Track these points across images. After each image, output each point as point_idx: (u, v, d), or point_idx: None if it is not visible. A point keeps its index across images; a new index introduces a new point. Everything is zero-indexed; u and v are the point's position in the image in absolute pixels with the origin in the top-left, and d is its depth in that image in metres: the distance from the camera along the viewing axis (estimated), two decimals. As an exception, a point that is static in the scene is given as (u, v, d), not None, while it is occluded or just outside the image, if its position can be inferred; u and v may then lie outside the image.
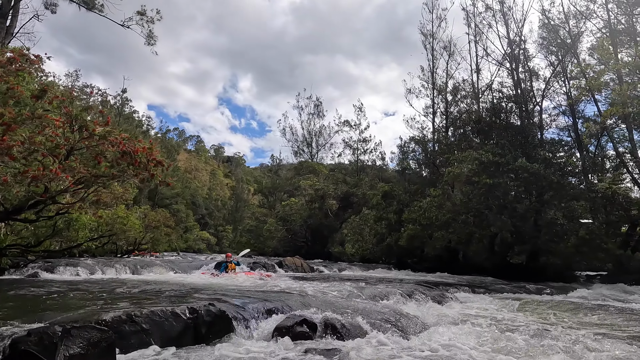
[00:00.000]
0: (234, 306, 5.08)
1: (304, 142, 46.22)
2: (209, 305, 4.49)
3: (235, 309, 4.92)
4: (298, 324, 4.61)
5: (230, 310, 4.72)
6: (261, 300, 5.74)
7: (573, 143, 20.73)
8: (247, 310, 5.08)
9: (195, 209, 66.52)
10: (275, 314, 5.19)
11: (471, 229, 16.03)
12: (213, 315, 4.39)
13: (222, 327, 4.43)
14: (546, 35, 23.53)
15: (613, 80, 21.05)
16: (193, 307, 4.32)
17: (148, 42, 13.72)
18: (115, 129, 5.53)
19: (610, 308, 7.40)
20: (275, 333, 4.51)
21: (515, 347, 4.30)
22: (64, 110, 5.14)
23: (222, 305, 4.72)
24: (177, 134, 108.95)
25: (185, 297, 6.10)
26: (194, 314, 4.27)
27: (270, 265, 17.30)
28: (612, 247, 14.02)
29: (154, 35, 13.49)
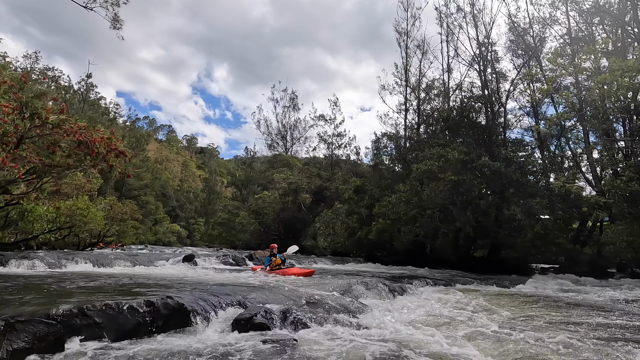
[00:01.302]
0: (194, 299, 5.08)
1: (279, 135, 45.95)
2: (167, 298, 4.48)
3: (195, 302, 4.93)
4: (256, 315, 4.69)
5: (189, 303, 4.72)
6: (223, 293, 5.77)
7: (535, 143, 21.89)
8: (207, 302, 5.10)
9: (165, 201, 64.70)
10: (236, 306, 5.25)
11: (437, 224, 16.64)
12: (170, 308, 4.39)
13: (180, 319, 4.43)
14: (513, 38, 24.57)
15: (573, 84, 22.36)
16: (149, 300, 4.30)
17: (114, 26, 13.10)
18: (71, 118, 5.30)
19: (546, 298, 8.03)
20: (234, 325, 4.57)
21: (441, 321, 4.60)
22: (13, 96, 4.86)
23: (180, 298, 4.72)
24: (148, 123, 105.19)
25: (146, 290, 6.02)
26: (150, 307, 4.25)
27: (241, 258, 17.21)
28: (563, 241, 15.00)
29: (120, 19, 12.90)
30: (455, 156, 15.04)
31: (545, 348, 4.16)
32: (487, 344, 4.43)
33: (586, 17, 23.13)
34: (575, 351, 4.08)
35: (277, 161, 39.23)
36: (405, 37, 28.34)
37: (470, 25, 23.90)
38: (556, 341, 4.37)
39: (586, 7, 22.59)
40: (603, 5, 21.58)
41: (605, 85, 6.58)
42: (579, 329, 5.23)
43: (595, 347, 4.20)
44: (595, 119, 18.89)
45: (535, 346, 4.21)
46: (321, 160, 48.08)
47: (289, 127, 46.15)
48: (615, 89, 6.70)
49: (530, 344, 4.29)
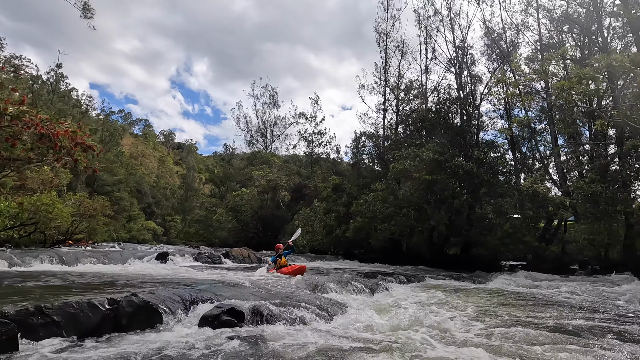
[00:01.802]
0: (162, 296, 5.01)
1: (259, 132, 45.54)
2: (132, 295, 4.40)
3: (162, 299, 4.87)
4: (225, 312, 4.68)
5: (155, 300, 4.65)
6: (192, 290, 5.72)
7: (507, 145, 22.68)
8: (174, 300, 5.05)
9: (140, 197, 62.86)
10: (205, 303, 5.22)
11: (412, 222, 17.00)
12: (135, 306, 4.32)
13: (146, 317, 4.37)
14: (489, 42, 25.32)
15: (543, 89, 23.29)
16: (113, 298, 4.21)
17: (84, 15, 12.60)
18: (33, 109, 5.07)
19: (508, 293, 8.48)
20: (202, 322, 4.55)
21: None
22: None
23: (146, 295, 4.65)
24: (123, 117, 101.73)
25: (113, 289, 5.88)
26: (113, 305, 4.16)
27: (216, 256, 16.99)
28: (530, 240, 15.66)
29: (90, 8, 12.42)
30: (430, 156, 15.42)
31: (485, 337, 4.39)
32: (442, 336, 4.61)
33: (557, 25, 24.13)
34: (507, 340, 4.30)
35: (256, 158, 38.89)
36: (385, 38, 28.68)
37: (447, 28, 24.47)
38: (496, 331, 4.62)
39: (557, 15, 23.55)
40: (572, 15, 22.57)
41: (564, 91, 6.94)
42: (521, 318, 5.59)
43: (531, 339, 4.45)
44: (563, 122, 19.82)
45: (480, 337, 4.43)
46: (301, 158, 48.04)
47: (269, 124, 45.88)
48: (572, 96, 7.08)
49: (478, 335, 4.53)
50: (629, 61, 6.69)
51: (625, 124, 9.02)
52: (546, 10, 23.71)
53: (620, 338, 4.67)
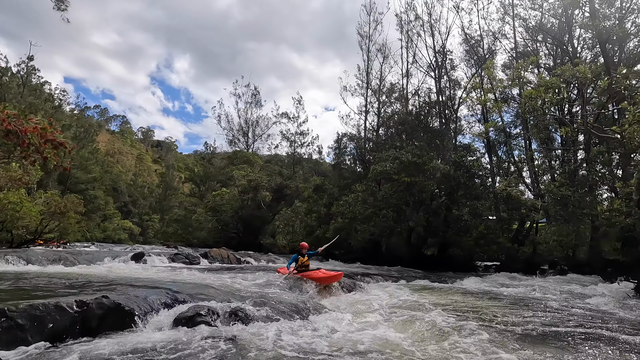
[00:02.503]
0: (134, 298, 4.93)
1: (240, 131, 45.09)
2: (102, 297, 4.31)
3: (135, 301, 4.78)
4: (199, 313, 4.65)
5: (127, 302, 4.57)
6: (167, 292, 5.64)
7: (485, 148, 23.39)
8: (147, 301, 4.97)
9: (116, 196, 61.14)
10: (180, 304, 5.17)
11: (391, 223, 17.26)
12: (106, 308, 4.23)
13: (117, 320, 4.29)
14: (467, 49, 26.03)
15: (518, 95, 24.15)
16: (82, 300, 4.12)
17: (57, 7, 12.22)
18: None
19: (478, 292, 8.82)
20: (175, 323, 4.50)
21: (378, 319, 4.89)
22: None
23: (118, 297, 4.56)
24: (99, 113, 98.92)
25: (83, 290, 5.73)
26: (82, 307, 4.07)
27: (194, 257, 16.73)
28: (503, 241, 16.21)
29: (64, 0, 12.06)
30: (409, 158, 15.71)
31: (451, 329, 4.56)
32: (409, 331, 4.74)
33: (531, 33, 25.06)
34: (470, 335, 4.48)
35: (237, 157, 38.47)
36: (367, 41, 29.02)
37: (427, 33, 24.99)
38: (458, 325, 4.79)
39: (531, 24, 24.46)
40: (545, 25, 23.50)
41: (532, 99, 7.28)
42: (487, 316, 5.84)
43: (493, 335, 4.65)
44: (536, 128, 20.62)
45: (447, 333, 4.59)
46: (283, 158, 47.87)
47: (251, 123, 45.48)
48: (540, 103, 7.43)
49: (444, 331, 4.71)
50: (590, 72, 7.07)
51: (588, 131, 9.49)
52: (522, 19, 24.59)
53: (582, 338, 4.92)
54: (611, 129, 7.14)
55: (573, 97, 20.27)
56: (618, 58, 18.29)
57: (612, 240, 15.22)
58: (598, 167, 15.65)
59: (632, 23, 20.11)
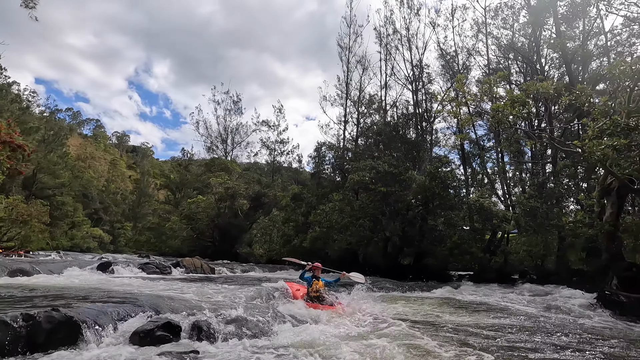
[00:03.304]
0: (90, 310, 4.64)
1: (219, 137, 44.46)
2: (52, 310, 4.03)
3: (90, 314, 4.50)
4: (160, 327, 4.42)
5: (80, 315, 4.29)
6: (129, 303, 5.37)
7: (460, 160, 24.03)
8: (105, 314, 4.69)
9: (87, 202, 58.70)
10: (140, 317, 4.91)
11: (367, 233, 17.32)
12: (56, 322, 3.95)
13: (68, 334, 4.01)
14: (443, 64, 26.88)
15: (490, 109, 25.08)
16: (28, 314, 3.83)
17: (25, 5, 11.77)
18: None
19: (450, 301, 8.95)
20: (132, 338, 4.26)
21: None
22: None
23: (70, 310, 4.28)
24: (71, 116, 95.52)
25: (36, 302, 5.36)
26: (29, 321, 3.78)
27: (165, 266, 16.16)
28: (476, 251, 16.56)
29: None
30: (386, 168, 15.90)
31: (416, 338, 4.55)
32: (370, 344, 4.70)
33: (503, 51, 26.21)
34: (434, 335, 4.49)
35: (215, 165, 37.82)
36: (347, 52, 29.44)
37: (405, 47, 25.64)
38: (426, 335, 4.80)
39: (503, 42, 25.58)
40: (516, 43, 24.66)
41: (498, 112, 7.58)
42: (449, 322, 5.91)
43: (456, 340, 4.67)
44: (507, 141, 21.41)
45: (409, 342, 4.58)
46: (263, 166, 47.46)
47: (230, 130, 44.96)
48: (506, 117, 7.74)
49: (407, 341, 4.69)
50: (552, 88, 7.42)
51: (552, 145, 9.92)
52: (494, 37, 25.71)
53: (541, 345, 5.02)
54: (573, 143, 7.49)
55: (542, 113, 21.28)
56: (582, 77, 19.37)
57: (578, 251, 15.82)
58: (564, 180, 16.35)
59: (594, 45, 21.47)
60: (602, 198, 9.05)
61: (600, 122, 6.65)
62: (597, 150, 6.24)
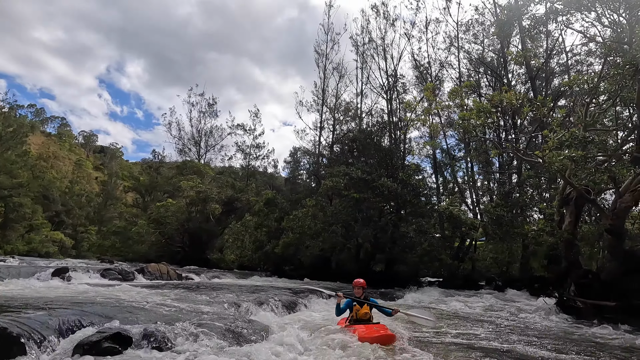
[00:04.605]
0: (31, 321, 4.27)
1: (192, 140, 43.37)
2: (-17, 322, 3.65)
3: (30, 325, 4.14)
4: (107, 338, 4.12)
5: (19, 328, 3.94)
6: (78, 313, 5.00)
7: (432, 169, 24.61)
8: (49, 325, 4.33)
9: (47, 204, 55.45)
10: (88, 328, 4.57)
11: (340, 239, 17.30)
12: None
13: (3, 347, 3.65)
14: (417, 75, 27.56)
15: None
16: (-46, 326, 3.45)
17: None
18: None
19: (413, 307, 8.97)
20: (76, 350, 3.94)
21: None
22: None
23: (6, 322, 3.90)
24: (34, 112, 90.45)
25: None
26: (-45, 335, 3.40)
27: (129, 272, 15.39)
28: (445, 257, 16.90)
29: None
30: (359, 175, 16.00)
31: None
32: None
33: (474, 65, 27.28)
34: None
35: (187, 168, 36.77)
36: (324, 59, 29.62)
37: (380, 57, 26.11)
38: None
39: (474, 57, 26.61)
40: (485, 58, 25.73)
41: (465, 121, 7.84)
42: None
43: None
44: (476, 151, 22.17)
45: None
46: (237, 170, 46.63)
47: (204, 133, 43.96)
48: (473, 127, 8.00)
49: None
50: (514, 99, 7.74)
51: (517, 155, 10.31)
52: (466, 51, 26.70)
53: (500, 349, 5.09)
54: (534, 154, 7.80)
55: (509, 124, 22.21)
56: (545, 93, 20.43)
57: (540, 258, 16.48)
58: (528, 189, 17.05)
59: (556, 63, 22.76)
60: (561, 207, 9.46)
61: (559, 134, 6.98)
62: (556, 161, 6.52)
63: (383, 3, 26.81)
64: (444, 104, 11.42)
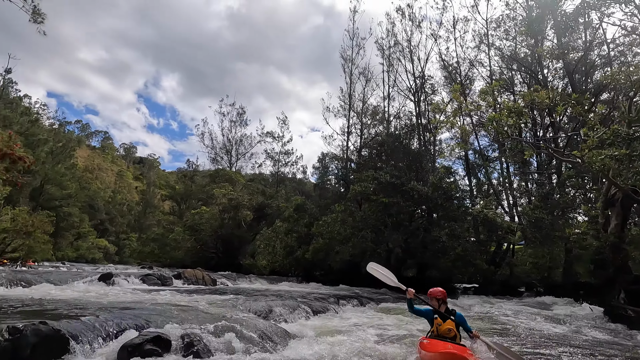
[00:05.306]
0: (80, 323, 4.61)
1: (223, 149, 44.76)
2: (40, 323, 3.99)
3: (79, 327, 4.47)
4: (149, 341, 4.36)
5: (68, 329, 4.26)
6: (122, 316, 5.33)
7: (464, 170, 23.87)
8: (95, 327, 4.65)
9: (93, 213, 59.20)
10: (132, 330, 4.85)
11: (369, 244, 17.15)
12: (43, 336, 3.91)
13: (54, 348, 3.97)
14: (446, 75, 26.91)
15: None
16: (15, 327, 3.80)
17: (34, 20, 12.02)
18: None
19: None
20: (120, 353, 4.20)
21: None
22: None
23: (58, 323, 4.24)
24: (80, 128, 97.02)
25: (30, 314, 5.35)
26: (15, 335, 3.75)
27: (167, 277, 16.10)
28: (480, 262, 16.27)
29: (41, 13, 11.88)
30: (387, 179, 15.83)
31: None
32: None
33: (507, 62, 26.20)
34: None
35: (219, 176, 38.00)
36: (350, 64, 29.71)
37: (407, 59, 25.79)
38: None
39: (506, 53, 25.58)
40: (518, 54, 24.65)
41: (494, 122, 7.53)
42: None
43: None
44: (511, 151, 21.23)
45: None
46: (267, 177, 47.58)
47: (235, 141, 45.27)
48: (503, 127, 7.68)
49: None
50: (547, 98, 7.38)
51: (550, 155, 9.81)
52: (497, 48, 25.74)
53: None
54: (572, 154, 7.39)
55: (546, 122, 21.11)
56: (585, 87, 19.24)
57: (585, 263, 15.47)
58: (569, 190, 16.11)
59: (597, 55, 21.36)
60: (606, 209, 8.87)
61: (600, 132, 6.56)
62: (597, 160, 6.13)
63: (408, 5, 26.56)
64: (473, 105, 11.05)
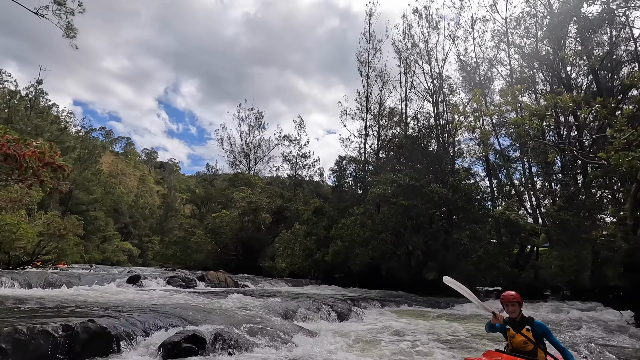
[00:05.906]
0: (121, 322, 4.91)
1: (242, 153, 45.51)
2: (88, 321, 4.31)
3: (122, 326, 4.77)
4: (186, 339, 4.61)
5: (113, 327, 4.56)
6: (156, 315, 5.62)
7: (484, 172, 23.46)
8: (135, 325, 4.94)
9: (117, 217, 61.20)
10: (167, 329, 5.13)
11: (389, 247, 17.14)
12: (91, 333, 4.22)
13: (102, 345, 4.27)
14: (464, 75, 26.58)
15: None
16: (68, 324, 4.12)
17: (67, 35, 12.75)
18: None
19: (468, 318, 8.64)
20: (160, 349, 4.46)
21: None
22: None
23: (104, 322, 4.55)
24: (104, 134, 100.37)
25: (72, 314, 5.70)
26: (68, 332, 4.06)
27: (191, 279, 16.57)
28: (503, 265, 15.98)
29: (73, 28, 12.57)
30: (407, 181, 15.80)
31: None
32: None
33: (527, 60, 25.63)
34: None
35: (238, 179, 38.65)
36: (366, 67, 29.74)
37: (424, 61, 25.64)
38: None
39: (527, 51, 25.05)
40: (540, 52, 24.08)
41: (517, 125, 7.47)
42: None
43: None
44: (533, 151, 20.76)
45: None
46: (284, 180, 47.98)
47: (253, 145, 45.94)
48: (526, 129, 7.59)
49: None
50: (571, 101, 7.26)
51: (575, 156, 9.61)
52: (517, 46, 25.24)
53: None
54: (597, 156, 7.25)
55: (570, 122, 20.53)
56: (611, 84, 18.65)
57: (615, 266, 14.97)
58: (595, 190, 15.64)
59: (625, 51, 20.62)
60: (635, 211, 8.63)
61: (627, 133, 6.42)
62: (623, 162, 6.00)
63: (425, 7, 26.44)
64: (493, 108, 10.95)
